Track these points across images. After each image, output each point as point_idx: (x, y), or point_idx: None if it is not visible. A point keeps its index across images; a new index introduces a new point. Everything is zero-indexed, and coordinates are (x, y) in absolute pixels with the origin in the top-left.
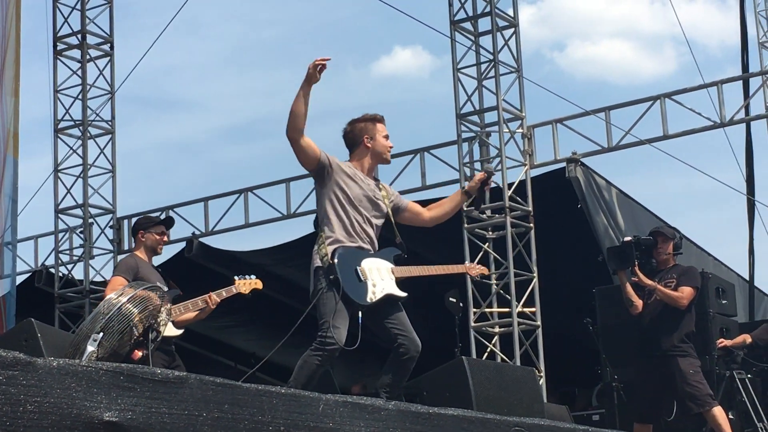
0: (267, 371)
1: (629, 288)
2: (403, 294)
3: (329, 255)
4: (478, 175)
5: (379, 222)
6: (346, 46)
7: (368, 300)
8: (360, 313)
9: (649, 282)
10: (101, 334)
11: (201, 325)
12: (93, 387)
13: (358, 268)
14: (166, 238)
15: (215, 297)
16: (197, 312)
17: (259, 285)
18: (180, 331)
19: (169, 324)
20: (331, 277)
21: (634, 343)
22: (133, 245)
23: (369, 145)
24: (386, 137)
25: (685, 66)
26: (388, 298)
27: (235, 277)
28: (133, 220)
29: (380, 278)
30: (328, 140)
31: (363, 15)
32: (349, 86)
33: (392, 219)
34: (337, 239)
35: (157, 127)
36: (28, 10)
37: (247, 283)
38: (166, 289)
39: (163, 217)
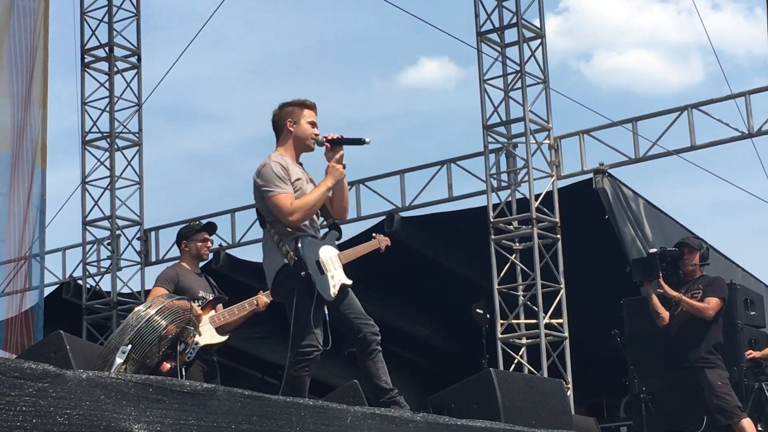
0: None
1: (655, 299)
2: (350, 281)
3: (291, 251)
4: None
5: None
6: (372, 57)
7: (331, 294)
8: (325, 309)
9: (675, 293)
10: (129, 346)
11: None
12: (122, 399)
13: (318, 260)
14: (209, 244)
15: (265, 298)
16: (245, 314)
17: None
18: (224, 338)
19: (213, 331)
20: (302, 273)
21: (661, 355)
22: (161, 256)
23: (291, 129)
24: (312, 124)
25: (712, 76)
26: (343, 288)
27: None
28: (161, 231)
29: (334, 268)
30: (352, 151)
31: (388, 26)
32: (374, 97)
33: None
34: (288, 231)
35: (182, 139)
36: (57, 23)
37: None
38: (210, 297)
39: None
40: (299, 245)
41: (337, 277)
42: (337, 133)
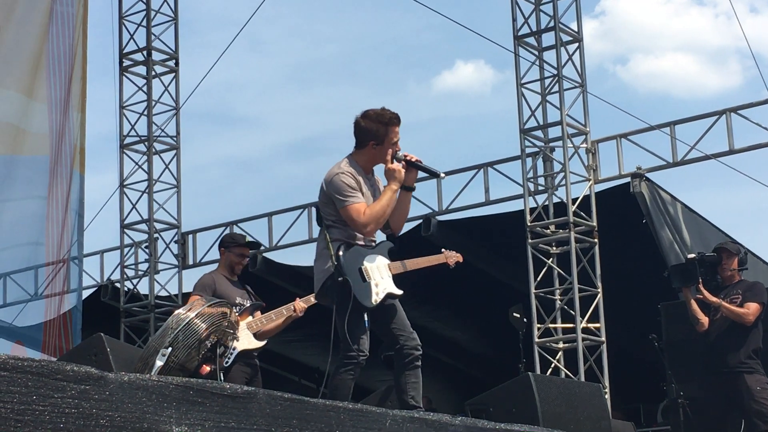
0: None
1: (694, 305)
2: (400, 291)
3: (334, 255)
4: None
5: None
6: (408, 61)
7: (373, 302)
8: (365, 315)
9: (714, 299)
10: (170, 348)
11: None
12: (163, 401)
13: (361, 267)
14: (245, 261)
15: (302, 303)
16: (282, 320)
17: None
18: (262, 343)
19: (250, 337)
20: (339, 279)
21: (700, 360)
22: (199, 260)
23: (374, 150)
24: (395, 141)
25: (750, 80)
26: (388, 297)
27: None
28: (198, 235)
29: (380, 276)
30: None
31: (424, 30)
32: (410, 101)
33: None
34: (341, 238)
35: (220, 143)
36: (95, 27)
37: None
38: (247, 303)
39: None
40: (341, 252)
41: (381, 286)
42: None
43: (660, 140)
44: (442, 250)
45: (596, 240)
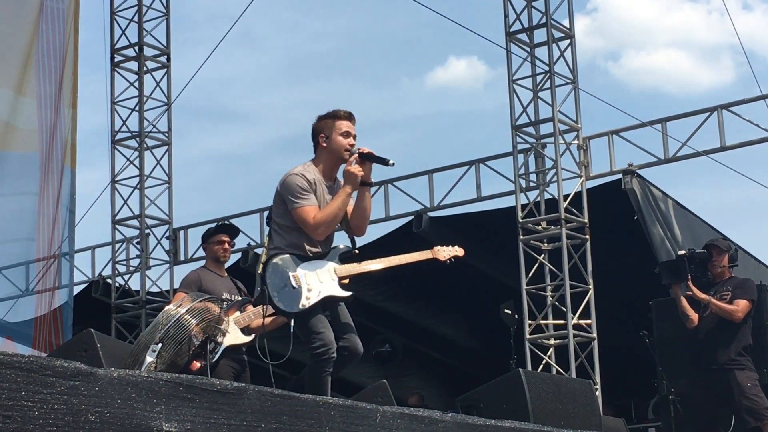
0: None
1: (684, 302)
2: (346, 294)
3: (262, 264)
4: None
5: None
6: (401, 57)
7: (300, 306)
8: (292, 321)
9: (703, 296)
10: (160, 344)
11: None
12: (153, 397)
13: (291, 274)
14: (226, 245)
15: None
16: (271, 317)
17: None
18: (249, 338)
19: (238, 332)
20: (258, 288)
21: (690, 356)
22: (190, 255)
23: (324, 144)
24: (346, 134)
25: (742, 77)
26: (328, 300)
27: None
28: (189, 231)
29: (318, 281)
30: (381, 151)
31: (417, 26)
32: (403, 97)
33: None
34: (277, 247)
35: (211, 139)
36: (87, 23)
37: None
38: (236, 298)
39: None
40: (271, 261)
41: (316, 290)
42: (368, 148)
43: (652, 137)
44: (438, 248)
45: (587, 236)
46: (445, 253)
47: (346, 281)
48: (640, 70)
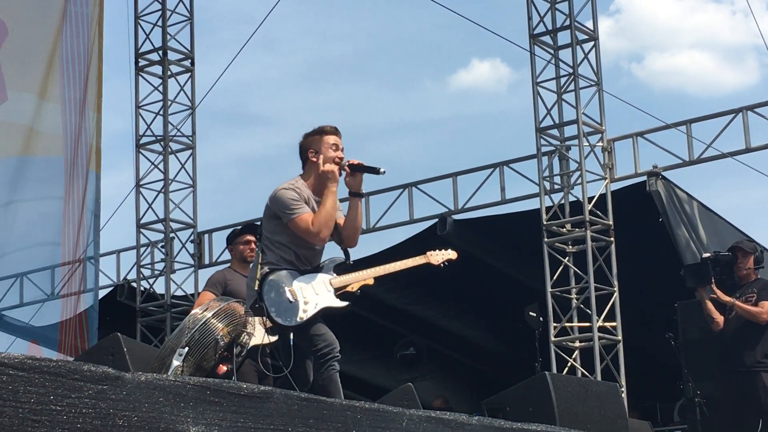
0: (348, 386)
1: (709, 305)
2: (343, 304)
3: (259, 281)
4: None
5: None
6: (423, 59)
7: (298, 319)
8: (291, 334)
9: (727, 298)
10: (186, 348)
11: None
12: (180, 401)
13: (287, 289)
14: (253, 245)
15: None
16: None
17: (370, 281)
18: (273, 339)
19: (264, 333)
20: (256, 305)
21: (716, 358)
22: (215, 259)
23: (314, 159)
24: (335, 147)
25: (767, 77)
26: (326, 312)
27: None
28: (214, 234)
29: (314, 294)
30: (405, 154)
31: (439, 28)
32: (426, 100)
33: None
34: (270, 262)
35: (235, 142)
36: (111, 27)
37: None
38: None
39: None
40: (266, 277)
41: (313, 302)
42: (358, 159)
43: (676, 138)
44: (431, 252)
45: (612, 239)
46: (439, 257)
47: (351, 289)
48: (664, 71)
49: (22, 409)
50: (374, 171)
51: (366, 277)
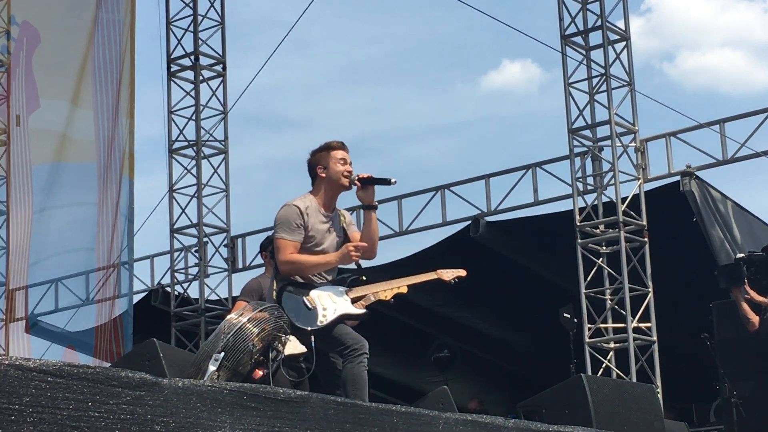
0: (383, 388)
1: (744, 305)
2: (360, 311)
3: (276, 294)
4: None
5: (336, 250)
6: (454, 61)
7: (318, 323)
8: (312, 337)
9: (761, 298)
10: (222, 353)
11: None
12: (217, 407)
13: (304, 299)
14: None
15: None
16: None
17: (404, 289)
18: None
19: (295, 341)
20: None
21: (752, 359)
22: (248, 263)
23: (323, 175)
24: (342, 161)
25: None
26: (345, 318)
27: None
28: (247, 238)
29: (331, 302)
30: (437, 156)
31: (470, 30)
32: (456, 102)
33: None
34: (285, 277)
35: (267, 146)
36: (143, 33)
37: (390, 290)
38: None
39: None
40: (283, 293)
41: (331, 309)
42: (367, 172)
43: (709, 138)
44: (441, 270)
45: (646, 239)
46: (449, 274)
47: (385, 298)
48: (696, 70)
49: (61, 416)
50: (385, 182)
51: (379, 291)
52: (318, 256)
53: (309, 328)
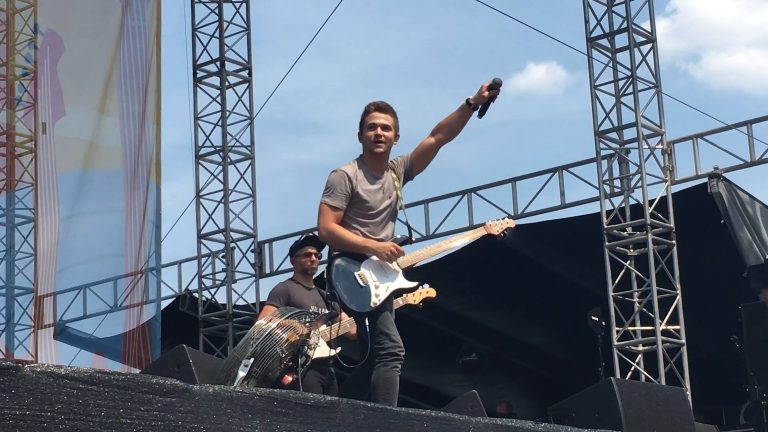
0: (411, 393)
1: None
2: (413, 284)
3: (327, 265)
4: (484, 85)
5: (391, 211)
6: (479, 64)
7: (372, 305)
8: (367, 320)
9: None
10: (252, 359)
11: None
12: (248, 413)
13: (356, 273)
14: (314, 257)
15: None
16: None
17: (432, 293)
18: (336, 351)
19: (324, 345)
20: (327, 294)
21: None
22: (275, 268)
23: (362, 141)
24: (371, 127)
25: None
26: (398, 293)
27: None
28: (274, 243)
29: (385, 276)
30: (463, 160)
31: (495, 33)
32: None
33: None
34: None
35: (293, 151)
36: (169, 40)
37: (418, 294)
38: (323, 311)
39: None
40: (333, 265)
41: (384, 286)
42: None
43: (737, 139)
44: (490, 222)
45: (674, 241)
46: (498, 227)
47: (413, 302)
48: (722, 71)
49: (93, 422)
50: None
51: (430, 253)
52: (355, 237)
53: (362, 311)
